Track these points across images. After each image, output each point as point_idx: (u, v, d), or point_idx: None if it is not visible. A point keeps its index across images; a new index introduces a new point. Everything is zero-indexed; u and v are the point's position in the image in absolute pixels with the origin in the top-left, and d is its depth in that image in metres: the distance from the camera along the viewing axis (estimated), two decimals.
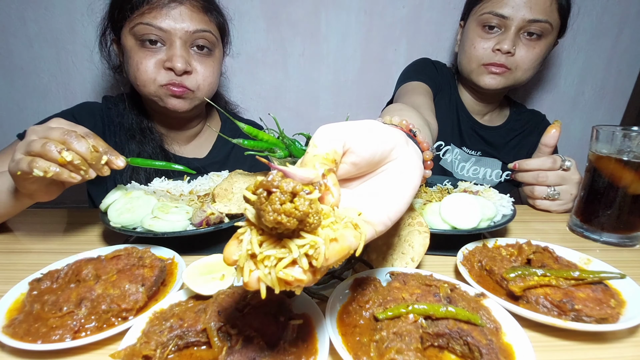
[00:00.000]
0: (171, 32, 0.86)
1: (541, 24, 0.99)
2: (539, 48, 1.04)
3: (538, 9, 0.98)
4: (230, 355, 0.38)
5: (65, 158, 0.54)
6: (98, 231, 0.77)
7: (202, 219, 0.62)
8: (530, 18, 0.98)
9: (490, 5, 1.03)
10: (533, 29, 1.00)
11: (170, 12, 0.86)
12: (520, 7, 0.98)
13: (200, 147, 1.12)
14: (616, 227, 0.74)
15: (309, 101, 1.47)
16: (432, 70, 1.22)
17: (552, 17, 1.00)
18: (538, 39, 1.02)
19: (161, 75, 0.89)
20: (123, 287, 0.47)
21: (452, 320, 0.41)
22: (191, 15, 0.88)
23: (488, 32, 1.05)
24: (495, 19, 1.02)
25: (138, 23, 0.86)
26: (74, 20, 1.27)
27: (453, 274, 0.62)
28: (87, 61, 1.32)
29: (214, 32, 0.93)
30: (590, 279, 0.50)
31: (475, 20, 1.07)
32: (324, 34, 1.36)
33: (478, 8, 1.06)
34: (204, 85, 0.94)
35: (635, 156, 0.70)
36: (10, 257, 0.67)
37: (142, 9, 0.85)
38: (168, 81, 0.89)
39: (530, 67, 1.06)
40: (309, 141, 0.75)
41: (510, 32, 1.01)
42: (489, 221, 0.67)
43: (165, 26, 0.86)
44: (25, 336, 0.41)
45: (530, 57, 1.04)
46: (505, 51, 1.02)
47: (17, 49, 1.29)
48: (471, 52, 1.09)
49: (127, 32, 0.88)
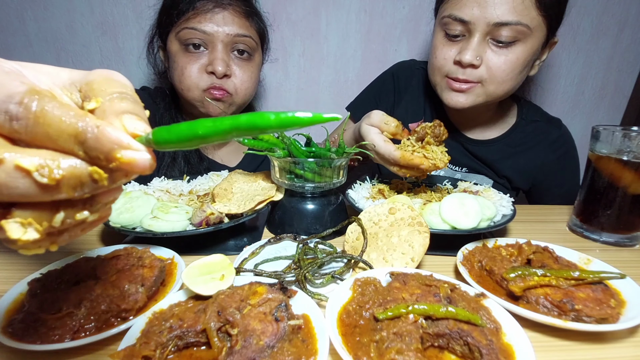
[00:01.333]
0: (214, 35, 0.91)
1: (512, 27, 0.79)
2: (513, 55, 0.83)
3: (506, 8, 0.78)
4: (230, 355, 0.38)
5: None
6: (97, 231, 0.77)
7: (202, 219, 0.62)
8: (496, 21, 0.79)
9: (450, 7, 0.85)
10: (502, 34, 0.80)
11: (214, 17, 0.91)
12: (483, 7, 0.79)
13: (229, 154, 1.15)
14: (616, 227, 0.74)
15: (309, 101, 1.46)
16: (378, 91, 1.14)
17: (528, 17, 0.79)
18: (510, 45, 0.83)
19: (203, 79, 0.93)
20: (122, 288, 0.47)
21: (452, 321, 0.41)
22: (233, 19, 0.93)
23: (451, 40, 0.87)
24: (455, 24, 0.84)
25: (184, 28, 0.91)
26: (73, 20, 1.26)
27: (453, 274, 0.62)
28: (87, 62, 1.32)
29: (254, 38, 0.97)
30: (590, 279, 0.50)
31: (438, 23, 0.90)
32: (324, 34, 1.36)
33: (441, 8, 0.89)
34: (242, 89, 0.98)
35: (635, 156, 0.70)
36: (10, 257, 0.67)
37: (188, 14, 0.91)
38: (209, 85, 0.93)
39: (506, 78, 0.86)
40: (308, 141, 0.76)
41: (473, 40, 0.82)
42: (489, 221, 0.67)
43: (209, 30, 0.90)
44: (25, 336, 0.41)
45: (503, 67, 0.84)
46: (467, 63, 0.83)
47: (17, 48, 1.29)
48: (433, 62, 0.92)
49: (173, 38, 0.94)
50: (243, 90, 0.98)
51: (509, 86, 0.89)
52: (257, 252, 0.64)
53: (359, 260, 0.58)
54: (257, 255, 0.64)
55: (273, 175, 0.75)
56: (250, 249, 0.65)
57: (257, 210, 0.69)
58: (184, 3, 0.92)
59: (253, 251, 0.64)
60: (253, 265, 0.60)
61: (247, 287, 0.46)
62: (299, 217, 0.74)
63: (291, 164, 0.71)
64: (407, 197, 0.75)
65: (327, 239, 0.71)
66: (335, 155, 0.74)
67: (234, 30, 0.92)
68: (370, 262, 0.58)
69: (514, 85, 0.90)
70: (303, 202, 0.75)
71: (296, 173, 0.72)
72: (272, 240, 0.68)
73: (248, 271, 0.57)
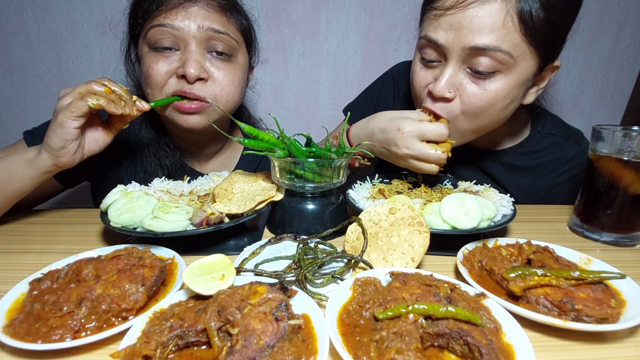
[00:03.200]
0: (184, 30, 0.78)
1: (491, 55, 0.68)
2: (493, 87, 0.71)
3: (485, 31, 0.66)
4: (230, 355, 0.38)
5: (110, 87, 0.70)
6: (98, 231, 0.77)
7: (202, 219, 0.62)
8: (471, 45, 0.68)
9: (426, 26, 0.75)
10: (481, 62, 0.69)
11: (182, 11, 0.79)
12: (458, 30, 0.68)
13: (221, 166, 1.04)
14: (616, 227, 0.74)
15: (309, 101, 1.47)
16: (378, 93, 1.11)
17: (510, 43, 0.67)
18: (490, 76, 0.71)
19: (171, 84, 0.80)
20: (123, 287, 0.47)
21: (452, 320, 0.41)
22: (207, 14, 0.80)
23: (427, 65, 0.78)
24: (430, 47, 0.74)
25: (150, 27, 0.80)
26: (73, 20, 1.27)
27: (453, 274, 0.62)
28: (87, 61, 1.32)
29: (234, 35, 0.84)
30: (590, 279, 0.50)
31: (417, 44, 0.80)
32: (324, 34, 1.36)
33: (421, 27, 0.79)
34: (222, 96, 0.84)
35: (635, 156, 0.70)
36: (10, 257, 0.67)
37: (154, 12, 0.79)
38: (177, 90, 0.80)
39: (482, 115, 0.75)
40: (309, 141, 0.76)
41: (447, 68, 0.72)
42: (489, 221, 0.67)
43: (177, 24, 0.78)
44: (26, 336, 0.41)
45: (478, 103, 0.72)
46: (438, 96, 0.74)
47: (17, 48, 1.29)
48: (412, 84, 0.83)
49: (142, 42, 0.83)
50: (225, 97, 0.84)
51: (488, 122, 0.78)
52: (258, 252, 0.64)
53: (359, 260, 0.58)
54: (257, 255, 0.64)
55: (273, 175, 0.75)
56: (251, 249, 0.65)
57: (257, 211, 0.69)
58: (149, 0, 0.80)
59: (253, 251, 0.64)
60: (253, 265, 0.60)
61: (248, 287, 0.46)
62: (299, 217, 0.74)
63: (291, 164, 0.71)
64: (407, 197, 0.75)
65: (327, 239, 0.71)
66: (335, 155, 0.74)
67: (208, 24, 0.79)
68: (371, 262, 0.59)
69: (496, 121, 0.79)
70: (303, 202, 0.75)
71: (296, 173, 0.72)
72: (272, 240, 0.68)
73: (248, 271, 0.57)
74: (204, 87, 0.82)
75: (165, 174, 0.89)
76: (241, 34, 0.88)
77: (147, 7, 0.80)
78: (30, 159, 0.70)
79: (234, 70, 0.85)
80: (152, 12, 0.79)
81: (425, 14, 0.77)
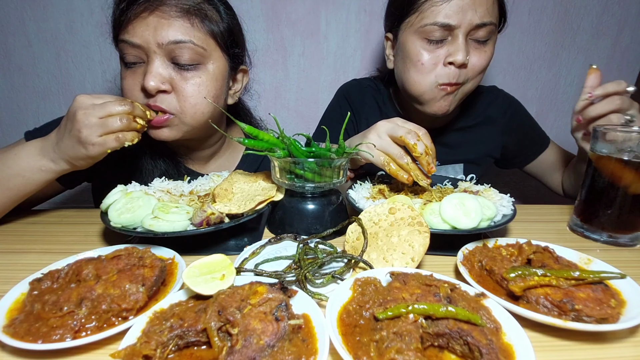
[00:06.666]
0: (143, 46, 0.76)
1: (488, 27, 0.87)
2: (489, 51, 0.92)
3: (483, 10, 0.85)
4: (230, 355, 0.38)
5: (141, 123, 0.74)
6: (98, 231, 0.77)
7: (203, 219, 0.62)
8: (477, 22, 0.85)
9: (430, 16, 0.87)
10: (480, 34, 0.88)
11: (141, 23, 0.75)
12: (465, 11, 0.84)
13: (222, 168, 1.04)
14: (616, 227, 0.74)
15: (309, 101, 1.47)
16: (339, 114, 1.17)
17: (495, 17, 0.90)
18: (486, 42, 0.91)
19: (140, 98, 0.79)
20: (123, 287, 0.47)
21: (452, 320, 0.41)
22: (167, 23, 0.75)
23: (434, 44, 0.90)
24: (439, 30, 0.87)
25: (119, 41, 0.78)
26: (73, 20, 1.27)
27: (453, 274, 0.62)
28: (87, 61, 1.32)
29: (200, 42, 0.78)
30: (590, 279, 0.50)
31: (413, 32, 0.91)
32: (324, 34, 1.36)
33: (415, 19, 0.90)
34: (187, 107, 0.80)
35: (635, 156, 0.70)
36: (10, 257, 0.67)
37: (123, 25, 0.77)
38: (145, 103, 0.79)
39: (479, 76, 0.94)
40: (309, 141, 0.76)
41: (458, 41, 0.87)
42: (489, 221, 0.67)
43: (136, 41, 0.76)
44: (26, 336, 0.41)
45: (483, 63, 0.91)
46: (460, 63, 0.88)
47: (16, 48, 1.29)
48: (420, 69, 0.92)
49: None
50: (190, 108, 0.80)
51: (477, 84, 0.96)
52: (258, 252, 0.64)
53: (359, 260, 0.58)
54: (257, 255, 0.64)
55: (273, 175, 0.75)
56: (251, 249, 0.65)
57: (257, 211, 0.69)
58: (118, 11, 0.78)
59: (253, 251, 0.64)
60: (253, 265, 0.60)
61: (248, 287, 0.46)
62: (299, 217, 0.74)
63: (291, 164, 0.71)
64: (407, 197, 0.75)
65: (327, 239, 0.71)
66: (335, 155, 0.74)
67: (166, 38, 0.75)
68: (371, 262, 0.59)
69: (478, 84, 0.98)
70: (303, 202, 0.75)
71: (296, 173, 0.72)
72: (272, 240, 0.68)
73: (248, 271, 0.58)
74: (168, 99, 0.80)
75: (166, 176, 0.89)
76: (212, 39, 0.81)
77: (117, 18, 0.79)
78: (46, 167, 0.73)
79: (200, 79, 0.81)
80: (121, 24, 0.78)
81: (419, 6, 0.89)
